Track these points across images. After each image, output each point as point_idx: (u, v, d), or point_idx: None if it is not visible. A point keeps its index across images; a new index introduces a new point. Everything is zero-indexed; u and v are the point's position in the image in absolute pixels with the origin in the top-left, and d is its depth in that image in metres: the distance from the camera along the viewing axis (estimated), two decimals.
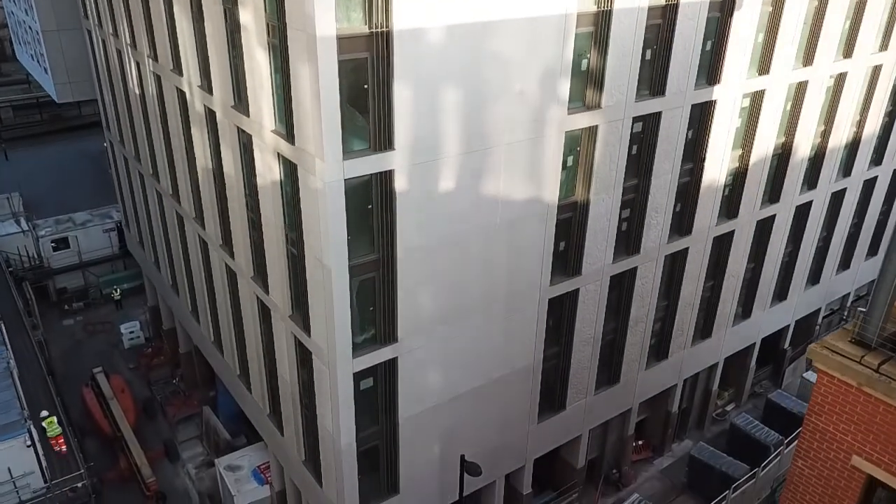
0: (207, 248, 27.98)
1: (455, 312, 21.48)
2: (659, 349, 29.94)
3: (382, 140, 17.98)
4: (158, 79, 28.19)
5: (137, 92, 31.39)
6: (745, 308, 33.08)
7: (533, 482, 28.39)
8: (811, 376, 36.52)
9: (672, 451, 33.93)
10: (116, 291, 46.25)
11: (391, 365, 20.90)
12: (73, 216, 48.39)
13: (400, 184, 18.58)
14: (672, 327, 29.61)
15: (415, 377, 21.53)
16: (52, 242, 45.84)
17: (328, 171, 17.26)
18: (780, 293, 34.58)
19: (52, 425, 28.12)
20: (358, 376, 20.31)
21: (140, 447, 31.17)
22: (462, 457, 22.02)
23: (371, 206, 18.77)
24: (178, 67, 25.78)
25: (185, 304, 33.41)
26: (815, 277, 36.10)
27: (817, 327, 38.79)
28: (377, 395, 21.26)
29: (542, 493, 29.82)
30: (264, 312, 24.06)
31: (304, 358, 21.94)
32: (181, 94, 26.18)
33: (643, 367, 29.50)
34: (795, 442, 14.63)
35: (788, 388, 36.96)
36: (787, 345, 37.42)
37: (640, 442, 33.21)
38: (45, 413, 28.32)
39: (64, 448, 27.97)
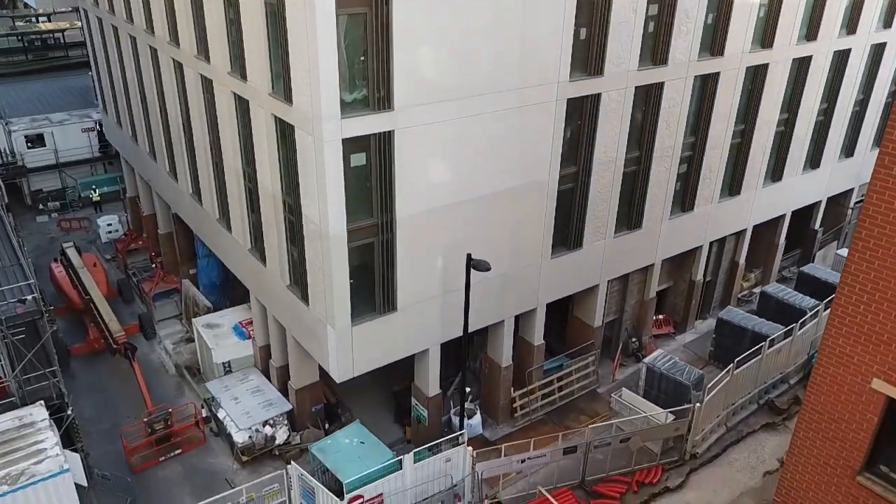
0: (182, 70, 25.07)
1: (461, 89, 18.56)
2: (684, 198, 27.02)
3: None
4: None
5: None
6: (776, 170, 30.17)
7: (546, 349, 25.53)
8: (845, 252, 33.69)
9: (695, 328, 31.05)
10: (95, 192, 43.33)
11: (387, 141, 17.96)
12: (49, 115, 45.44)
13: None
14: (699, 173, 26.69)
15: (415, 164, 18.61)
16: (25, 138, 42.84)
17: None
18: (813, 160, 31.68)
19: None
20: (348, 146, 17.38)
21: (111, 311, 28.21)
22: (468, 255, 19.11)
23: None
24: None
25: (163, 167, 30.54)
26: (849, 149, 33.21)
27: (849, 211, 35.94)
28: (371, 178, 18.32)
29: (555, 358, 26.94)
30: (242, 108, 21.21)
31: (285, 135, 19.03)
32: None
33: (667, 216, 26.58)
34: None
35: None
36: (817, 225, 34.50)
37: (660, 316, 30.33)
38: None
39: None
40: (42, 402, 19.58)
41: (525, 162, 21.01)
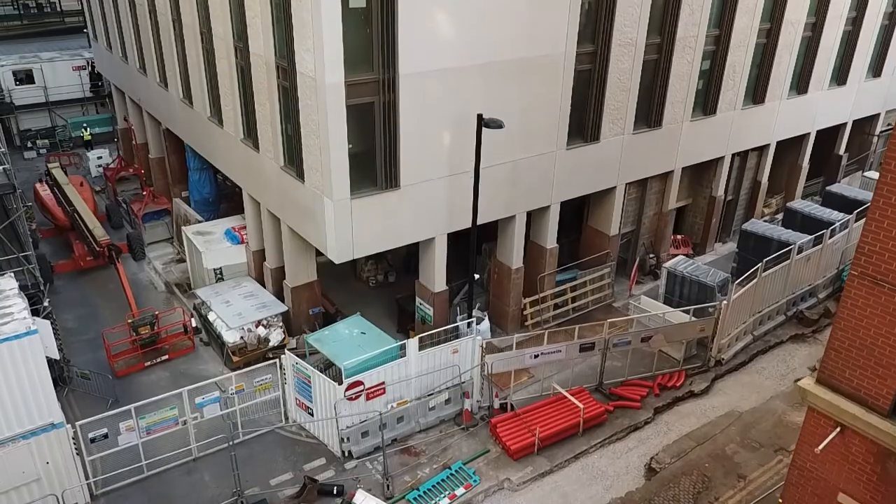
0: None
1: None
2: (707, 99, 25.33)
3: None
4: None
5: None
6: (802, 81, 28.47)
7: (558, 265, 23.87)
8: (873, 174, 32.01)
9: (715, 250, 29.38)
10: (86, 131, 41.63)
11: None
12: (39, 53, 43.82)
13: None
14: (722, 72, 24.99)
15: (419, 12, 16.91)
16: (13, 75, 41.21)
17: None
18: (840, 75, 29.98)
19: None
20: None
21: (96, 220, 26.58)
22: (479, 115, 17.46)
23: None
24: None
25: (154, 79, 28.93)
26: (877, 68, 31.51)
27: (875, 139, 34.23)
28: (371, 25, 16.65)
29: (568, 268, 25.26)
30: None
31: None
32: None
33: (688, 117, 24.91)
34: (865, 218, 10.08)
35: None
36: (842, 150, 32.81)
37: (679, 237, 28.65)
38: None
39: None
40: (12, 273, 17.92)
41: (539, 30, 19.32)
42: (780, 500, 12.07)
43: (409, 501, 16.95)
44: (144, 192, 31.73)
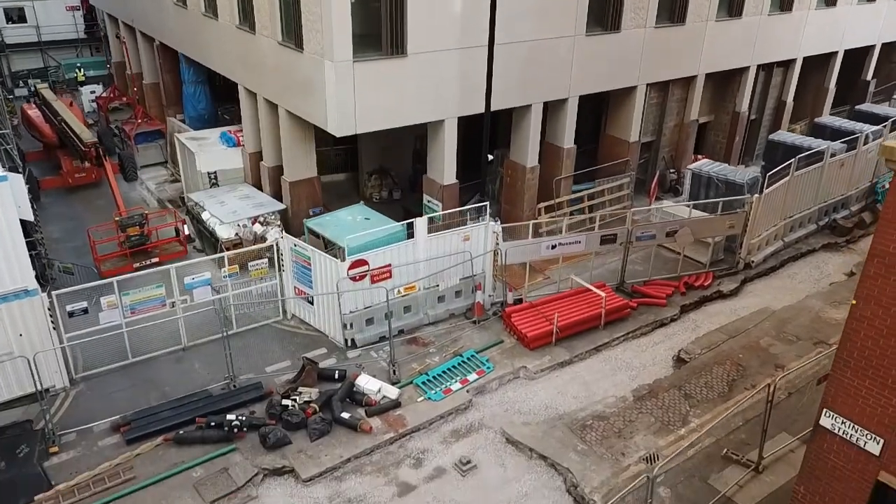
0: None
1: None
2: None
3: None
4: None
5: None
6: None
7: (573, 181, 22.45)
8: None
9: None
10: (80, 71, 40.14)
11: None
12: None
13: None
14: None
15: None
16: (4, 12, 39.79)
17: None
18: None
19: None
20: None
21: (83, 125, 25.16)
22: None
23: None
24: None
25: None
26: None
27: None
28: None
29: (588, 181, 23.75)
30: None
31: None
32: None
33: (713, 16, 23.40)
34: None
35: None
36: (870, 75, 31.27)
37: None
38: None
39: None
40: None
41: None
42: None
43: (418, 385, 15.50)
44: (136, 113, 30.27)
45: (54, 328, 14.84)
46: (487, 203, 17.77)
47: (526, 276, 18.87)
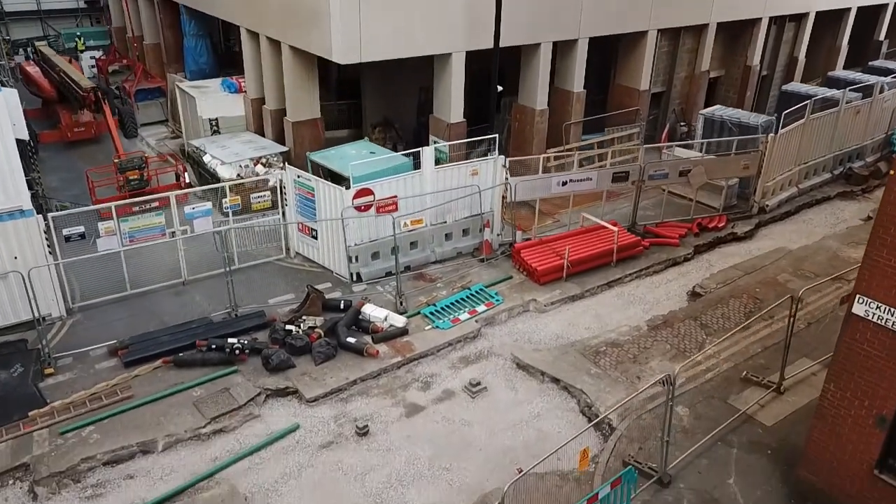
0: None
1: None
2: None
3: None
4: None
5: None
6: None
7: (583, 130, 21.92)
8: None
9: None
10: (80, 40, 39.69)
11: None
12: None
13: None
14: None
15: None
16: None
17: None
18: None
19: None
20: None
21: (80, 73, 24.71)
22: None
23: None
24: None
25: None
26: None
27: None
28: None
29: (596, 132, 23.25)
30: None
31: None
32: None
33: None
34: None
35: None
36: (882, 35, 30.72)
37: None
38: None
39: None
40: None
41: None
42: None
43: (425, 315, 15.02)
44: (136, 71, 29.79)
45: (50, 252, 14.39)
46: (496, 135, 17.27)
47: (535, 218, 18.38)
